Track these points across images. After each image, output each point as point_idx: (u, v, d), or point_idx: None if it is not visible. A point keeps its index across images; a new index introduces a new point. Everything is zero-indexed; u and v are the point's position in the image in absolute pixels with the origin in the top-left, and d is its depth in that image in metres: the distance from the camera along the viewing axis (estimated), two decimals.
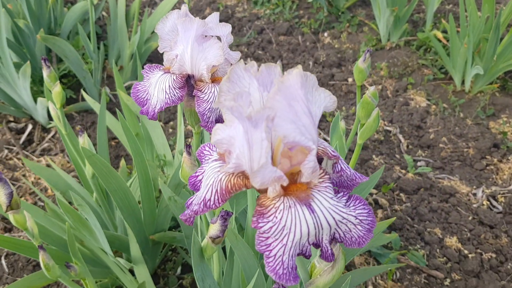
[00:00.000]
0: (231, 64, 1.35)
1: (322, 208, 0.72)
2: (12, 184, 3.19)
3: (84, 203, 2.09)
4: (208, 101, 1.28)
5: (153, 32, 4.05)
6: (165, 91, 1.29)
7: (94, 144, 3.50)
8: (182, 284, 2.63)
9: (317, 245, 0.73)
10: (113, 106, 3.85)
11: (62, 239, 2.22)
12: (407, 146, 3.65)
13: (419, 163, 3.48)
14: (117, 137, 3.19)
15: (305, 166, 0.71)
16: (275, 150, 0.72)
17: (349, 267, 2.76)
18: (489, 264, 2.79)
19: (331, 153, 0.79)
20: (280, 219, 0.70)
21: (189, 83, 1.33)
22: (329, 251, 0.73)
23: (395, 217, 1.95)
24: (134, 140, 2.11)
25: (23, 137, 3.58)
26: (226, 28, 1.29)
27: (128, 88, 4.02)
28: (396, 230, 2.95)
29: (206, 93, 1.29)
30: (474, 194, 3.24)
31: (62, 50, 3.39)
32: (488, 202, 3.18)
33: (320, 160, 0.80)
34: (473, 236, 2.95)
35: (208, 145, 0.92)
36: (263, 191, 0.74)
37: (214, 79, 1.34)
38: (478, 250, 2.87)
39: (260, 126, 0.65)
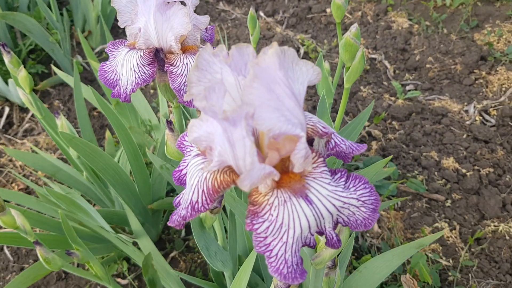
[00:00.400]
0: (201, 30, 1.24)
1: (320, 197, 0.66)
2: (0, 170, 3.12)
3: (72, 190, 2.03)
4: (182, 74, 1.18)
5: None
6: (134, 70, 1.19)
7: (75, 119, 3.39)
8: (188, 245, 2.64)
9: (320, 233, 0.68)
10: (88, 75, 3.70)
11: (59, 223, 2.18)
12: (394, 72, 3.57)
13: (407, 87, 3.42)
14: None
15: (296, 156, 0.64)
16: (260, 143, 0.65)
17: None
18: (488, 179, 2.81)
19: (321, 130, 0.72)
20: (277, 217, 0.65)
21: (158, 57, 1.22)
22: (335, 238, 0.68)
23: (391, 156, 1.91)
24: (113, 114, 2.02)
25: (2, 121, 3.45)
26: None
27: (100, 54, 3.85)
28: (393, 160, 2.94)
29: (178, 66, 1.19)
30: (466, 111, 3.21)
31: (24, 25, 3.19)
32: (481, 117, 3.16)
33: (311, 141, 0.74)
34: (469, 154, 2.94)
35: (186, 136, 0.85)
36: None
37: (185, 49, 1.24)
38: (476, 167, 2.88)
39: (239, 125, 0.58)
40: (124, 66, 1.21)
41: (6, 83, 3.39)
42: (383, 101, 3.28)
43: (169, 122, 1.29)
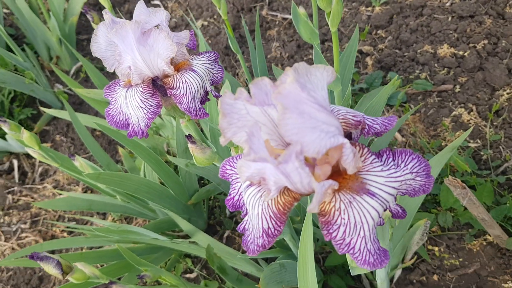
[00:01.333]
0: (184, 44, 1.24)
1: (379, 186, 0.71)
2: (35, 220, 3.20)
3: (106, 233, 2.11)
4: (186, 93, 1.20)
5: (65, 9, 3.72)
6: (140, 107, 1.21)
7: (82, 145, 3.42)
8: (237, 221, 2.74)
9: (385, 209, 0.74)
10: (75, 99, 3.68)
11: (114, 250, 2.28)
12: None
13: None
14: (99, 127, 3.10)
15: (346, 161, 0.68)
16: (308, 159, 0.69)
17: None
18: (486, 51, 2.83)
19: (354, 120, 0.75)
20: (349, 219, 0.70)
21: (157, 85, 1.23)
22: (400, 211, 0.73)
23: (400, 79, 1.93)
24: (125, 139, 2.05)
25: (16, 174, 3.49)
26: (161, 13, 1.17)
27: (77, 76, 3.81)
28: (392, 69, 2.96)
29: (179, 87, 1.20)
30: None
31: None
32: None
33: (349, 135, 0.77)
34: (460, 35, 2.94)
35: (229, 163, 0.89)
36: None
37: (178, 67, 1.24)
38: (471, 45, 2.89)
39: (290, 162, 0.62)
40: (130, 106, 1.23)
41: (4, 138, 3.40)
42: (361, 15, 3.24)
43: (188, 137, 1.32)
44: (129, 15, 4.03)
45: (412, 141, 2.69)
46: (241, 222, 0.87)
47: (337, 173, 0.72)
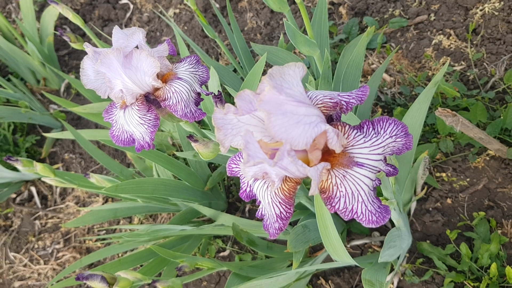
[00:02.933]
0: (165, 56, 1.32)
1: (365, 156, 0.81)
2: (67, 238, 3.35)
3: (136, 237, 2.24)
4: (178, 101, 1.29)
5: (38, 29, 3.75)
6: (140, 123, 1.31)
7: (91, 158, 3.53)
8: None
9: (378, 171, 0.84)
10: (72, 115, 3.77)
11: (148, 250, 2.42)
12: None
13: None
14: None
15: (332, 143, 0.78)
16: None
17: None
18: None
19: (331, 103, 0.84)
20: (346, 190, 0.80)
21: (150, 100, 1.32)
22: (391, 170, 0.84)
23: (375, 23, 1.99)
24: (132, 149, 2.15)
25: (37, 200, 3.63)
26: (137, 34, 1.24)
27: (68, 93, 3.88)
28: (366, 13, 3.00)
29: (171, 97, 1.29)
30: None
31: None
32: None
33: (330, 119, 0.87)
34: None
35: (233, 161, 0.99)
36: None
37: (165, 79, 1.33)
38: None
39: (285, 158, 0.72)
40: (131, 124, 1.33)
41: (16, 170, 3.51)
42: None
43: (190, 137, 1.42)
44: (101, 20, 4.05)
45: (400, 78, 2.77)
46: (258, 209, 0.98)
47: (327, 153, 0.82)
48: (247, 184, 0.97)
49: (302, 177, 0.82)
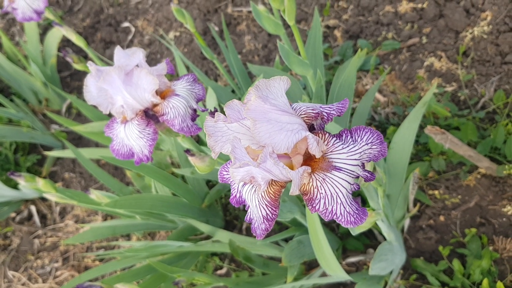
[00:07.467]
0: (163, 74, 1.41)
1: (343, 161, 0.88)
2: (65, 257, 3.38)
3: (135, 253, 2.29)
4: (175, 116, 1.37)
5: (42, 51, 3.87)
6: (140, 137, 1.38)
7: (91, 176, 3.60)
8: None
9: (357, 177, 0.91)
10: (74, 135, 3.85)
11: (146, 266, 2.46)
12: None
13: None
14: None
15: (312, 149, 0.85)
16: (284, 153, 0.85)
17: None
18: None
19: (313, 113, 0.91)
20: (325, 191, 0.87)
21: (149, 115, 1.40)
22: (368, 175, 0.90)
23: (368, 45, 2.08)
24: (131, 165, 2.22)
25: (36, 219, 3.67)
26: (137, 54, 1.33)
27: (69, 113, 3.97)
28: (359, 36, 3.11)
29: (169, 112, 1.37)
30: None
31: None
32: None
33: (312, 127, 0.94)
34: None
35: (224, 169, 1.06)
36: None
37: (163, 95, 1.41)
38: None
39: (268, 160, 0.79)
40: (130, 138, 1.40)
41: (17, 188, 3.57)
42: None
43: (187, 151, 1.49)
44: (104, 43, 4.18)
45: (393, 98, 2.85)
46: (247, 214, 1.04)
47: (309, 158, 0.89)
48: (237, 189, 1.03)
49: (286, 180, 0.89)
